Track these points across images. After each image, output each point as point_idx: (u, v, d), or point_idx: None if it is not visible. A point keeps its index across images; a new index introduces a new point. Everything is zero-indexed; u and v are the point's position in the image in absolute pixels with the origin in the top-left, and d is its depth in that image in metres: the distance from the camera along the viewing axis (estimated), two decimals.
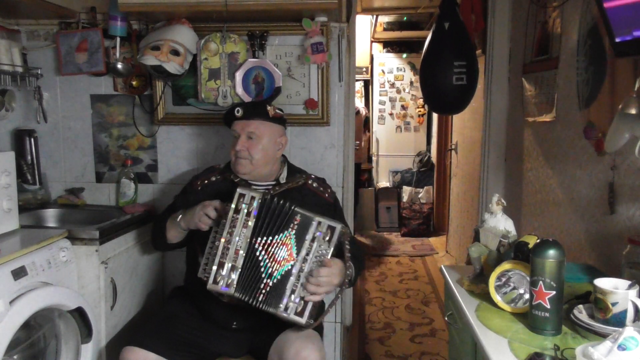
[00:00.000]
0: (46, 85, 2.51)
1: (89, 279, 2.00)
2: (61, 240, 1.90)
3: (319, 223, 1.71)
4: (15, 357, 1.77)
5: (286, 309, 1.69)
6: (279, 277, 1.71)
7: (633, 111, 1.43)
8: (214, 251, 1.73)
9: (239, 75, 2.35)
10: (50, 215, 2.42)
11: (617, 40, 1.42)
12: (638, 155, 1.40)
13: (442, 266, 1.83)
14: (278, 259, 1.72)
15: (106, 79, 2.52)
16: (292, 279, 1.70)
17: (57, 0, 2.24)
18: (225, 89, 2.37)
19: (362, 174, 6.32)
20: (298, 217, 1.73)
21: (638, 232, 1.56)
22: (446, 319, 1.77)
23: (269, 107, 1.95)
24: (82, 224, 2.25)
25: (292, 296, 1.69)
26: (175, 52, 2.22)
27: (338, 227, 1.71)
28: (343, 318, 2.62)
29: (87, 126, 2.56)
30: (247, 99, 2.35)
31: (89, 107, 2.55)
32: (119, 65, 2.39)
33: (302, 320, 1.69)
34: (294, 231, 1.73)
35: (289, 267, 1.71)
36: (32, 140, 2.45)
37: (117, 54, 2.38)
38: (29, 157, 2.43)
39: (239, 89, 2.36)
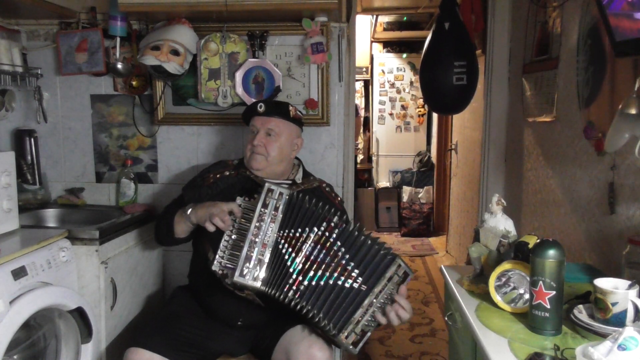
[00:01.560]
0: (46, 85, 2.51)
1: (89, 279, 2.00)
2: (61, 240, 1.90)
3: (399, 266, 1.68)
4: (15, 357, 1.77)
5: (347, 336, 1.66)
6: (322, 283, 1.66)
7: (633, 111, 1.42)
8: (237, 244, 1.71)
9: (239, 75, 2.35)
10: (50, 215, 2.42)
11: (617, 40, 1.42)
12: (638, 155, 1.40)
13: (442, 266, 1.83)
14: (314, 259, 1.68)
15: (106, 79, 2.52)
16: (360, 310, 1.65)
17: (57, 0, 2.24)
18: (225, 89, 2.37)
19: (362, 174, 6.32)
20: (371, 244, 1.68)
21: (638, 232, 1.56)
22: (446, 319, 1.77)
23: (290, 107, 1.99)
24: (82, 224, 2.25)
25: (357, 327, 1.66)
26: (175, 52, 2.22)
27: (410, 274, 1.70)
28: None
29: (87, 126, 2.56)
30: (247, 99, 2.36)
31: (89, 107, 2.55)
32: (119, 65, 2.39)
33: (355, 350, 1.67)
34: (334, 234, 1.69)
35: (352, 287, 1.66)
36: (32, 140, 2.45)
37: (117, 54, 2.38)
38: (29, 157, 2.43)
39: (239, 89, 2.36)
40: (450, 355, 1.89)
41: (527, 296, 1.38)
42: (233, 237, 1.74)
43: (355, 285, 1.67)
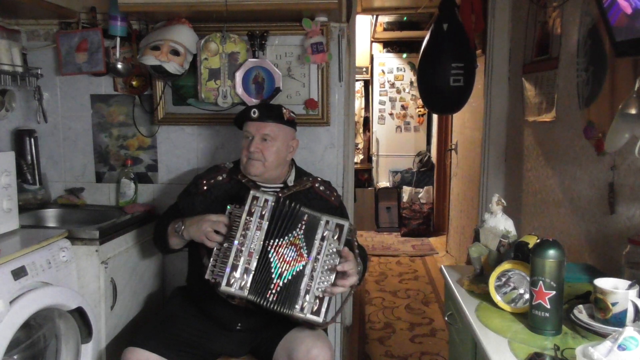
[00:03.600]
0: (46, 85, 2.51)
1: (89, 279, 2.00)
2: (61, 240, 1.90)
3: (327, 222, 1.73)
4: (15, 357, 1.77)
5: (302, 309, 1.69)
6: (289, 277, 1.71)
7: (633, 111, 1.42)
8: (227, 253, 1.72)
9: (239, 75, 2.35)
10: (50, 215, 2.42)
11: (617, 40, 1.42)
12: (638, 155, 1.40)
13: (442, 266, 1.83)
14: (288, 259, 1.73)
15: (106, 79, 2.52)
16: (305, 279, 1.70)
17: (57, 0, 2.24)
18: (225, 89, 2.37)
19: (362, 174, 6.32)
20: (305, 217, 1.74)
21: (638, 232, 1.56)
22: (446, 319, 1.77)
23: (284, 110, 1.96)
24: (82, 224, 2.25)
25: (307, 296, 1.69)
26: (175, 52, 2.22)
27: (346, 224, 1.73)
28: (343, 318, 2.62)
29: (87, 126, 2.56)
30: (247, 99, 2.35)
31: (89, 107, 2.55)
32: (119, 65, 2.39)
33: (319, 319, 1.69)
34: (302, 231, 1.74)
35: (301, 268, 1.72)
36: (32, 140, 2.45)
37: (117, 54, 2.38)
38: (29, 157, 2.43)
39: (239, 89, 2.36)
40: (450, 355, 1.89)
41: (527, 296, 1.38)
42: (225, 245, 1.75)
43: (304, 262, 1.71)
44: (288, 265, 1.72)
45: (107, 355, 2.05)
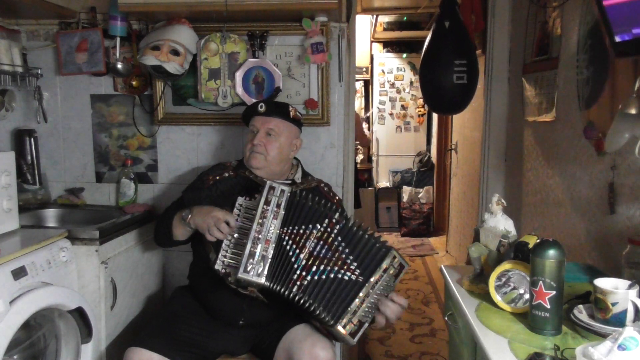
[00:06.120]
0: (46, 85, 2.51)
1: (89, 279, 2.00)
2: (61, 240, 1.90)
3: (394, 257, 1.74)
4: (15, 357, 1.77)
5: (345, 326, 1.68)
6: (324, 277, 1.70)
7: (633, 111, 1.42)
8: (239, 243, 1.74)
9: (239, 75, 2.35)
10: (50, 215, 2.42)
11: (617, 39, 1.42)
12: (638, 155, 1.40)
13: (442, 266, 1.83)
14: (317, 255, 1.72)
15: (106, 79, 2.52)
16: (357, 301, 1.69)
17: (57, 0, 2.24)
18: (225, 89, 2.37)
19: (361, 174, 6.32)
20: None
21: (638, 232, 1.56)
22: (446, 319, 1.77)
23: (291, 108, 2.01)
24: (82, 224, 2.25)
25: (354, 317, 1.69)
26: (175, 52, 2.22)
27: (406, 267, 1.77)
28: None
29: (87, 126, 2.56)
30: (247, 99, 2.36)
31: (89, 107, 2.55)
32: (119, 65, 2.39)
33: (354, 341, 1.69)
34: (335, 230, 1.74)
35: (346, 279, 1.70)
36: (32, 140, 2.45)
37: (117, 54, 2.38)
38: (29, 157, 2.43)
39: (239, 89, 2.36)
40: (450, 355, 1.89)
41: (527, 296, 1.38)
42: (235, 235, 1.77)
43: (353, 277, 1.71)
44: (320, 262, 1.71)
45: (107, 355, 2.05)
